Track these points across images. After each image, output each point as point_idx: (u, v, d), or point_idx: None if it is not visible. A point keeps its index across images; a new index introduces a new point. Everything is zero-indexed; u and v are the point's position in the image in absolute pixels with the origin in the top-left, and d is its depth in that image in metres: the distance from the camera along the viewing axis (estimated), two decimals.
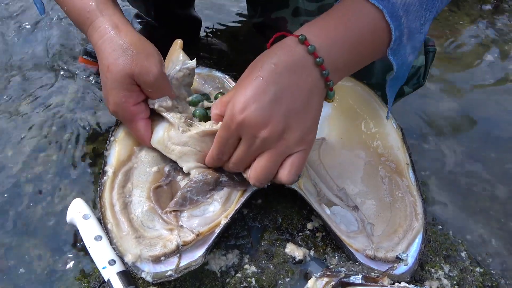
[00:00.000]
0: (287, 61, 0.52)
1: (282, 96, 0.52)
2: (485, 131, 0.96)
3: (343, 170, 0.71)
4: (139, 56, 0.60)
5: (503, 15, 1.39)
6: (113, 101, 0.62)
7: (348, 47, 0.54)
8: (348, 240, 0.63)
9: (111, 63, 0.60)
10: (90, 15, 0.62)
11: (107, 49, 0.60)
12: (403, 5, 0.53)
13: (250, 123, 0.52)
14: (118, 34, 0.61)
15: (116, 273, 0.57)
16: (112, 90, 0.62)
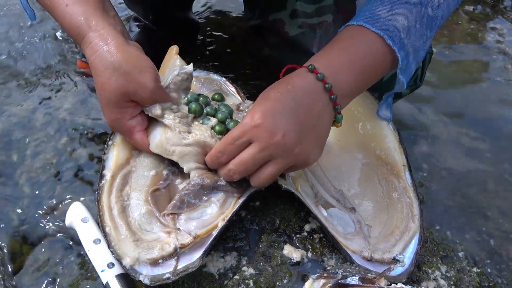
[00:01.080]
0: (301, 85, 0.57)
1: (298, 113, 0.56)
2: (483, 131, 0.96)
3: (340, 172, 0.71)
4: (132, 73, 0.59)
5: (500, 15, 1.39)
6: (108, 117, 0.62)
7: (354, 73, 0.59)
8: (345, 241, 0.63)
9: (104, 82, 0.59)
10: (80, 31, 0.60)
11: (99, 67, 0.59)
12: (403, 27, 0.59)
13: (267, 128, 0.55)
14: (108, 50, 0.58)
15: (115, 276, 0.58)
16: (107, 107, 0.61)
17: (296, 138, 0.55)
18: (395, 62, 0.61)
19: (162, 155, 0.65)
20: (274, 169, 0.57)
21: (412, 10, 0.60)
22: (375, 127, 0.75)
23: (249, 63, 1.06)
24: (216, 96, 0.73)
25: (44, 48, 1.07)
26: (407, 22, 0.59)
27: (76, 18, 0.60)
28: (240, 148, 0.57)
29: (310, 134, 0.57)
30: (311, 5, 0.80)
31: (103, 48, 0.59)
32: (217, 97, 0.73)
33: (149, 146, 0.65)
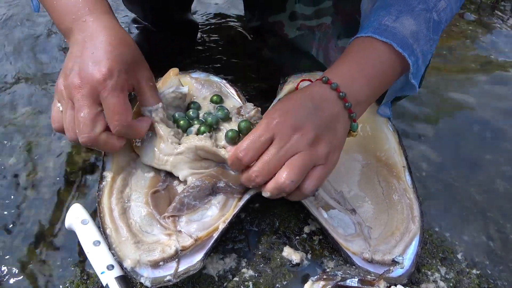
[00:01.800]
0: (317, 92, 0.59)
1: (316, 112, 0.58)
2: (482, 133, 0.96)
3: (340, 174, 0.71)
4: (138, 51, 0.61)
5: (499, 17, 1.40)
6: (99, 71, 0.56)
7: (365, 82, 0.61)
8: (345, 243, 0.63)
9: (113, 42, 0.57)
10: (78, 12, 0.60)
11: (106, 31, 0.58)
12: (412, 33, 0.61)
13: (288, 123, 0.57)
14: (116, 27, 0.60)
15: (115, 278, 0.58)
16: (107, 61, 0.57)
17: (315, 133, 0.57)
18: (405, 68, 0.63)
19: (155, 166, 0.66)
20: (300, 160, 0.56)
21: (418, 16, 0.62)
22: (374, 128, 0.75)
23: (249, 65, 1.06)
24: (215, 98, 0.73)
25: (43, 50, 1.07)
26: (414, 28, 0.61)
27: (67, 24, 0.60)
28: (264, 145, 0.57)
29: (328, 135, 0.58)
30: (310, 7, 0.81)
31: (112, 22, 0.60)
32: (216, 99, 0.73)
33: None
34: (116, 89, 0.56)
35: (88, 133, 0.56)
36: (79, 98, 0.56)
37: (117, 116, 0.56)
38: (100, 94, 0.56)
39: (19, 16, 1.19)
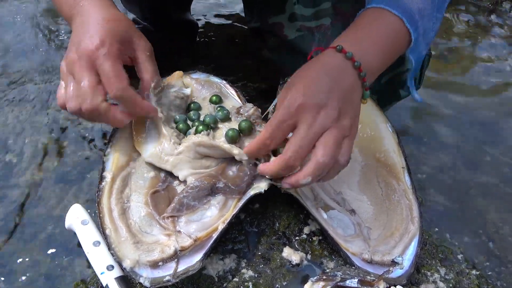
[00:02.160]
0: (332, 62, 0.59)
1: (334, 85, 0.58)
2: (482, 134, 0.96)
3: (339, 174, 0.71)
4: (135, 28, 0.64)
5: (499, 18, 1.40)
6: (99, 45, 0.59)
7: (378, 52, 0.62)
8: (345, 244, 0.63)
9: (111, 18, 0.61)
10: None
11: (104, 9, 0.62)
12: (419, 10, 0.63)
13: (311, 104, 0.56)
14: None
15: (115, 279, 0.58)
16: (106, 37, 0.60)
17: (338, 108, 0.56)
18: (408, 43, 0.65)
19: (156, 164, 0.66)
20: (333, 137, 0.55)
21: None
22: (374, 129, 0.75)
23: (249, 66, 1.07)
24: (214, 98, 0.73)
25: (43, 51, 1.08)
26: (421, 5, 0.63)
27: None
28: (287, 129, 0.57)
29: (349, 107, 0.58)
30: (309, 8, 0.81)
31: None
32: (215, 99, 0.73)
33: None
34: (110, 57, 0.58)
35: (91, 100, 0.58)
36: (78, 70, 0.58)
37: (113, 79, 0.58)
38: (96, 63, 0.58)
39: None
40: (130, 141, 0.70)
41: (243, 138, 0.66)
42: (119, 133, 0.71)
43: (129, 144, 0.70)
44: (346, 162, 0.58)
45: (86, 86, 0.58)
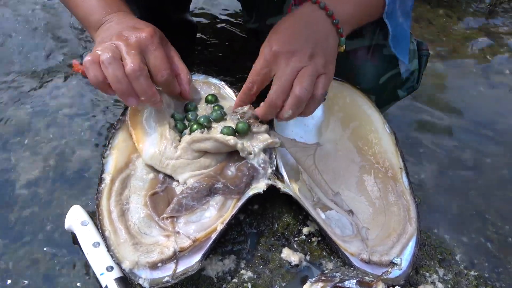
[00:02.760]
0: (307, 13, 0.66)
1: (309, 32, 0.64)
2: (481, 134, 0.96)
3: (337, 175, 0.72)
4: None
5: (497, 19, 1.40)
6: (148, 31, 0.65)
7: (351, 4, 0.68)
8: (343, 244, 0.64)
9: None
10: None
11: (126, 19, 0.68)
12: None
13: (283, 51, 0.62)
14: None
15: (114, 279, 0.58)
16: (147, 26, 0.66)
17: (311, 50, 0.63)
18: (384, 4, 0.71)
19: (155, 167, 0.67)
20: (307, 74, 0.61)
21: None
22: (372, 130, 0.75)
23: (247, 66, 1.06)
24: (210, 98, 0.74)
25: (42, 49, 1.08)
26: None
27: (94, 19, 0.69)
28: (266, 77, 0.64)
29: (322, 49, 0.64)
30: None
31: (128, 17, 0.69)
32: (211, 98, 0.74)
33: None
34: (160, 45, 0.65)
35: (137, 65, 0.60)
36: (127, 44, 0.61)
37: (165, 65, 0.64)
38: (147, 48, 0.63)
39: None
40: (129, 143, 0.70)
41: (238, 137, 0.66)
42: (118, 135, 0.71)
43: (128, 146, 0.70)
44: (321, 96, 0.64)
45: (134, 55, 0.61)
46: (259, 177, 0.65)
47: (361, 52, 0.79)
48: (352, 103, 0.77)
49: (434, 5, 1.45)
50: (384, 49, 0.80)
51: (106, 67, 0.60)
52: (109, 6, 0.69)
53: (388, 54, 0.80)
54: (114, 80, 0.60)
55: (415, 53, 0.84)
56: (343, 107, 0.77)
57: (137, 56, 0.61)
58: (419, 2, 1.47)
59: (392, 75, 0.82)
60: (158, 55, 0.63)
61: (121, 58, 0.61)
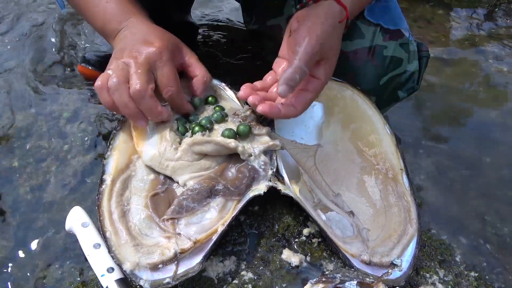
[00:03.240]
0: (334, 13, 0.66)
1: (337, 39, 0.67)
2: (481, 136, 0.96)
3: (338, 176, 0.72)
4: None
5: (497, 20, 1.40)
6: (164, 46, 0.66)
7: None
8: (344, 245, 0.64)
9: (158, 35, 0.67)
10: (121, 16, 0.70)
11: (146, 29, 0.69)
12: None
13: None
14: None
15: (115, 281, 0.58)
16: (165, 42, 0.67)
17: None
18: None
19: (155, 168, 0.67)
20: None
21: None
22: (372, 131, 0.75)
23: (248, 68, 1.07)
24: (210, 99, 0.74)
25: (43, 53, 1.08)
26: None
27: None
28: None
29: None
30: None
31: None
32: (211, 99, 0.74)
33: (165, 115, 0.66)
34: (170, 61, 0.65)
35: (141, 84, 0.61)
36: (136, 62, 0.63)
37: (171, 82, 0.65)
38: (156, 64, 0.64)
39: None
40: (130, 144, 0.70)
41: (239, 140, 0.66)
42: (119, 136, 0.71)
43: (129, 147, 0.70)
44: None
45: (140, 73, 0.62)
46: (259, 178, 0.65)
47: (361, 53, 0.79)
48: (352, 104, 0.77)
49: (434, 5, 1.45)
50: (384, 50, 0.80)
51: (113, 93, 0.62)
52: (122, 13, 0.69)
53: (389, 55, 0.80)
54: (121, 105, 0.63)
55: (415, 54, 0.84)
56: (344, 108, 0.77)
57: (143, 76, 0.62)
58: (419, 2, 1.47)
59: (392, 76, 0.82)
60: (165, 72, 0.64)
61: (128, 80, 0.62)
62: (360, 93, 0.78)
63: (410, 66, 0.82)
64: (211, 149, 0.66)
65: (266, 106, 0.62)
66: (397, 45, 0.81)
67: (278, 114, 0.63)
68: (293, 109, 0.64)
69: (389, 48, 0.80)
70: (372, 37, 0.80)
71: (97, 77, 0.98)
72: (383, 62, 0.80)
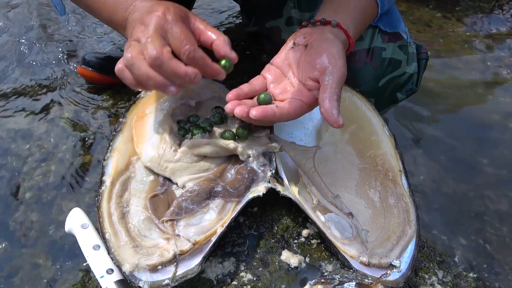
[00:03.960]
0: (342, 40, 0.68)
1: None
2: (480, 136, 0.96)
3: (337, 178, 0.72)
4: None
5: (496, 21, 1.41)
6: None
7: (361, 29, 0.73)
8: (343, 246, 0.64)
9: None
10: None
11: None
12: None
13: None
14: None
15: (114, 282, 0.58)
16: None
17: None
18: (377, 9, 0.74)
19: (154, 170, 0.67)
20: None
21: None
22: (371, 133, 0.76)
23: (247, 70, 1.07)
24: (224, 62, 0.72)
25: (43, 55, 1.08)
26: None
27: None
28: None
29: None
30: (306, 13, 0.81)
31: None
32: (226, 63, 0.71)
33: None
34: (177, 20, 0.59)
35: (156, 50, 0.55)
36: (145, 34, 0.58)
37: (185, 41, 0.57)
38: (164, 28, 0.58)
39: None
40: (129, 145, 0.70)
41: (238, 141, 0.67)
42: (119, 137, 0.71)
43: (128, 148, 0.70)
44: None
45: (152, 41, 0.57)
46: (258, 180, 0.66)
47: (360, 55, 0.79)
48: (351, 105, 0.77)
49: (434, 7, 1.46)
50: (383, 52, 0.81)
51: (132, 69, 0.57)
52: (124, 1, 0.65)
53: (387, 57, 0.80)
54: (144, 79, 0.57)
55: (414, 56, 0.84)
56: (343, 110, 0.76)
57: (154, 41, 0.56)
58: (418, 4, 1.47)
59: (391, 78, 0.82)
60: (175, 31, 0.58)
61: (143, 52, 0.57)
62: (359, 94, 0.78)
63: (409, 68, 0.83)
64: (210, 151, 0.66)
65: (259, 110, 0.60)
66: (395, 47, 0.81)
67: (273, 116, 0.61)
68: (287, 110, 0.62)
69: (388, 50, 0.80)
70: (371, 39, 0.80)
71: (96, 79, 0.99)
72: (382, 64, 0.80)
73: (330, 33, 0.65)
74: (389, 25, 0.81)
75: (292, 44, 0.68)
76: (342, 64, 0.61)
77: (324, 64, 0.61)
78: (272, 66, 0.69)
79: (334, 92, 0.59)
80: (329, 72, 0.60)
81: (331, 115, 0.58)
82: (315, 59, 0.62)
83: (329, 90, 0.59)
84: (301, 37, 0.67)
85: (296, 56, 0.66)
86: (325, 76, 0.60)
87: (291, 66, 0.67)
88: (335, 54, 0.62)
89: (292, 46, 0.67)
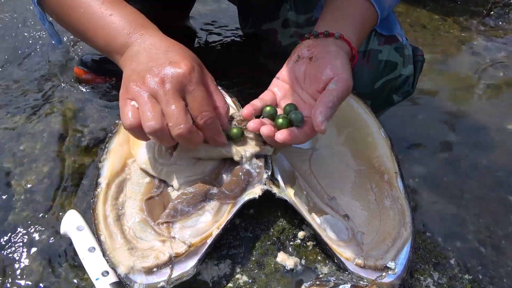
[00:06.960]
0: (346, 51, 0.67)
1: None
2: (476, 138, 0.97)
3: (333, 179, 0.72)
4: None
5: (492, 23, 1.41)
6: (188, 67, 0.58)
7: (360, 38, 0.71)
8: (338, 248, 0.64)
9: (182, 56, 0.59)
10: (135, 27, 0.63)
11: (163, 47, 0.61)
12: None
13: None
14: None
15: (109, 285, 0.58)
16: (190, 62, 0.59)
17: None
18: (377, 18, 0.73)
19: (150, 172, 0.67)
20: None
21: None
22: (367, 134, 0.76)
23: (244, 71, 1.07)
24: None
25: (41, 56, 1.08)
26: None
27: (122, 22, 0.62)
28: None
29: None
30: (301, 15, 0.82)
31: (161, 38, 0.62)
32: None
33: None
34: (200, 83, 0.57)
35: (185, 123, 0.55)
36: (165, 93, 0.55)
37: (206, 107, 0.57)
38: (186, 88, 0.56)
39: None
40: (125, 148, 0.70)
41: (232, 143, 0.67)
42: (114, 139, 0.71)
43: (124, 150, 0.70)
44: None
45: (179, 110, 0.55)
46: (254, 182, 0.66)
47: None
48: (347, 107, 0.78)
49: (431, 9, 1.46)
50: (379, 54, 0.81)
51: (156, 138, 0.57)
52: (130, 25, 0.62)
53: (383, 59, 0.80)
54: (164, 138, 0.57)
55: (410, 58, 0.84)
56: (339, 112, 0.77)
57: (180, 111, 0.55)
58: (415, 6, 1.48)
59: (387, 80, 0.82)
60: (197, 95, 0.57)
61: (163, 114, 0.56)
62: (356, 97, 0.78)
63: (405, 70, 0.83)
64: (204, 154, 0.66)
65: (285, 133, 0.59)
66: (391, 50, 0.81)
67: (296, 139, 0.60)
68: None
69: (384, 53, 0.80)
70: (367, 41, 0.80)
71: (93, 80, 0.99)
72: (378, 66, 0.81)
73: (333, 45, 0.65)
74: (385, 27, 0.82)
75: (296, 57, 0.67)
76: (347, 76, 0.61)
77: (329, 76, 0.61)
78: (279, 81, 0.69)
79: (331, 100, 0.59)
80: (334, 82, 0.61)
81: (316, 116, 0.57)
82: (320, 71, 0.62)
83: (327, 96, 0.59)
84: (305, 49, 0.66)
85: (302, 70, 0.66)
86: (330, 84, 0.61)
87: (298, 80, 0.66)
88: (340, 66, 0.62)
89: (296, 59, 0.67)
